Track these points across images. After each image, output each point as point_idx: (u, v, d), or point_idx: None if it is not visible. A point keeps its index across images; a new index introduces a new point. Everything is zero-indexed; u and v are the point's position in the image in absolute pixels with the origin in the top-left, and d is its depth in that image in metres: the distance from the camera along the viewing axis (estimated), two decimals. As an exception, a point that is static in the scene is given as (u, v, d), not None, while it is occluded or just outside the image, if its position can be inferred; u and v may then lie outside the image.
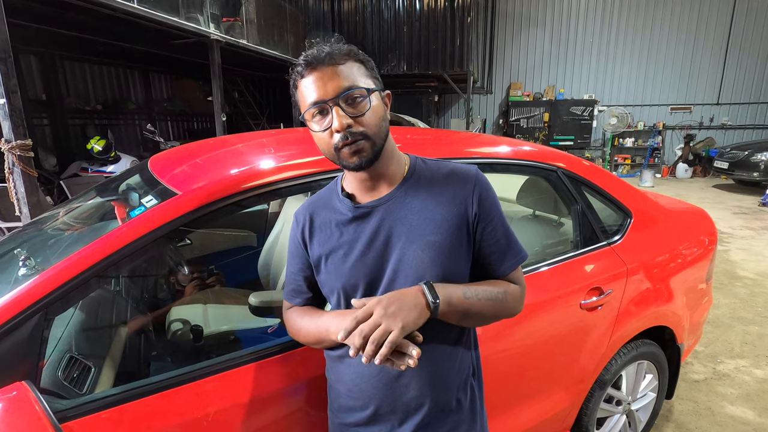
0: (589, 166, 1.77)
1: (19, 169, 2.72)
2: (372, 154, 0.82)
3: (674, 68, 10.90)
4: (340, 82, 0.79)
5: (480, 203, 0.88)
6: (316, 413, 1.08)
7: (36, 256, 1.18)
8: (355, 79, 0.80)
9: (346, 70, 0.80)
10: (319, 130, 0.81)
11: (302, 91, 0.82)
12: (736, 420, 2.19)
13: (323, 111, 0.80)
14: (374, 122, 0.82)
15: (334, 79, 0.79)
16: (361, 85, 0.80)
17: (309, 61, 0.80)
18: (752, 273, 4.22)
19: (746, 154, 8.51)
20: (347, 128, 0.79)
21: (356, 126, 0.80)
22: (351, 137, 0.79)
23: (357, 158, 0.81)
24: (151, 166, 1.45)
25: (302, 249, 0.95)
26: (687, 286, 1.91)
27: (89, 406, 0.89)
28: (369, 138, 0.81)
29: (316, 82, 0.79)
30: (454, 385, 0.92)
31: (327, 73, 0.79)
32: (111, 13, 4.05)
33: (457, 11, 9.11)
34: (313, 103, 0.80)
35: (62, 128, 7.12)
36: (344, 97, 0.79)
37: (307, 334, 0.94)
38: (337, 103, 0.79)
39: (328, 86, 0.78)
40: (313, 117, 0.81)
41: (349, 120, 0.79)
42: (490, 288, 0.88)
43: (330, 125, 0.80)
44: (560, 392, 1.58)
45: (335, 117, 0.78)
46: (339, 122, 0.78)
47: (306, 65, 0.80)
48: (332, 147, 0.81)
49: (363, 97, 0.80)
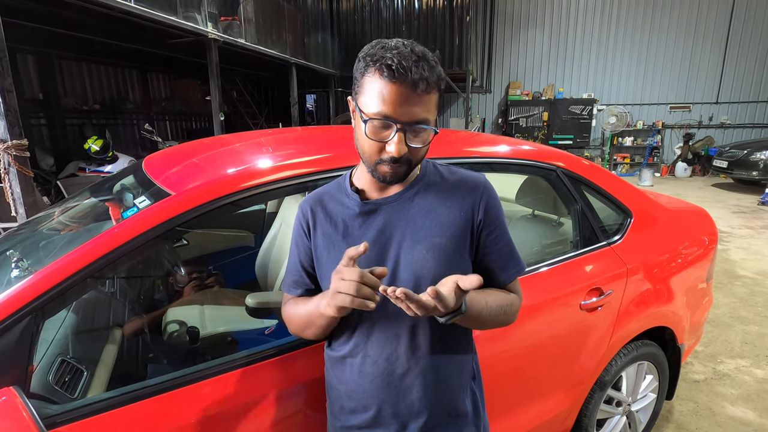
0: (588, 165, 1.76)
1: (15, 169, 2.70)
2: (405, 176, 0.84)
3: (673, 67, 10.89)
4: (418, 113, 0.77)
5: (486, 211, 0.89)
6: (314, 415, 1.07)
7: (28, 258, 1.17)
8: (429, 111, 0.79)
9: (428, 102, 0.78)
10: (374, 139, 0.79)
11: (372, 89, 0.77)
12: (737, 420, 2.18)
13: (385, 125, 0.78)
14: (423, 154, 0.84)
15: (414, 107, 0.76)
16: (431, 121, 0.80)
17: (399, 71, 0.74)
18: (752, 272, 4.21)
19: (745, 152, 8.50)
20: (402, 155, 0.79)
21: (408, 155, 0.80)
22: (399, 162, 0.80)
23: (391, 176, 0.82)
24: (146, 167, 1.43)
25: (305, 239, 0.94)
26: (687, 286, 1.90)
27: (80, 411, 0.88)
28: (411, 166, 0.83)
29: (397, 98, 0.75)
30: (456, 388, 0.92)
31: (411, 98, 0.75)
32: (108, 12, 4.02)
33: (456, 10, 9.10)
34: (383, 116, 0.76)
35: (60, 128, 7.08)
36: (414, 128, 0.78)
37: (297, 318, 0.91)
38: (404, 130, 0.77)
39: (406, 110, 0.76)
40: (370, 121, 0.78)
41: (406, 149, 0.79)
42: (500, 297, 0.90)
43: (386, 140, 0.79)
44: (560, 394, 1.57)
45: (396, 142, 0.77)
46: (397, 149, 0.78)
47: (395, 74, 0.74)
48: (375, 157, 0.81)
49: (428, 132, 0.80)
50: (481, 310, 0.83)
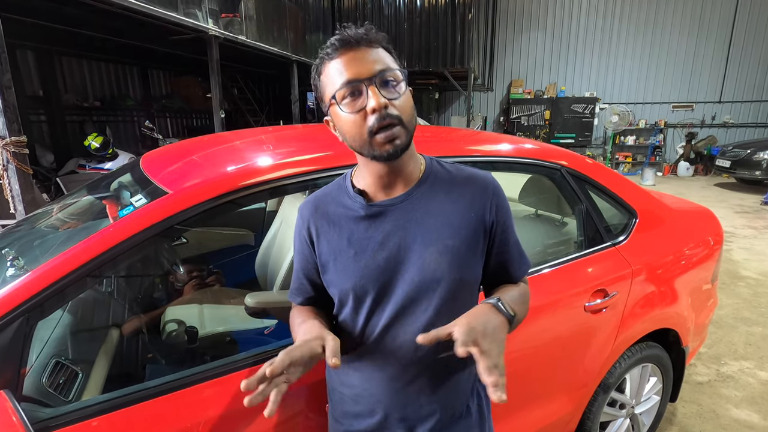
0: (593, 164, 1.73)
1: (14, 166, 2.69)
2: (405, 143, 0.78)
3: (676, 66, 10.83)
4: (376, 64, 0.75)
5: (497, 212, 0.88)
6: (315, 418, 1.05)
7: (24, 256, 1.14)
8: (389, 63, 0.77)
9: (381, 53, 0.77)
10: (351, 112, 0.76)
11: (331, 74, 0.76)
12: (741, 423, 2.15)
13: (355, 92, 0.75)
14: (408, 108, 0.78)
15: (370, 60, 0.75)
16: (393, 68, 0.77)
17: (344, 40, 0.75)
18: (755, 273, 4.18)
19: (748, 152, 8.45)
20: (385, 107, 0.74)
21: (392, 109, 0.75)
22: (388, 119, 0.74)
23: (391, 146, 0.76)
24: (143, 165, 1.41)
25: (308, 246, 0.90)
26: (692, 287, 1.88)
27: (74, 414, 0.86)
28: (404, 124, 0.76)
29: (351, 62, 0.75)
30: (464, 391, 0.91)
31: (361, 53, 0.75)
32: (108, 8, 4.00)
33: (458, 8, 9.04)
34: (347, 81, 0.74)
35: (60, 125, 7.05)
36: (380, 79, 0.75)
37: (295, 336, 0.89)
38: (374, 83, 0.74)
39: (363, 66, 0.74)
40: (343, 99, 0.75)
41: (385, 100, 0.74)
42: (520, 291, 0.90)
43: (363, 106, 0.74)
44: (563, 396, 1.55)
45: (371, 96, 0.73)
46: (376, 101, 0.73)
47: (340, 44, 0.75)
48: (365, 131, 0.75)
49: (398, 81, 0.77)
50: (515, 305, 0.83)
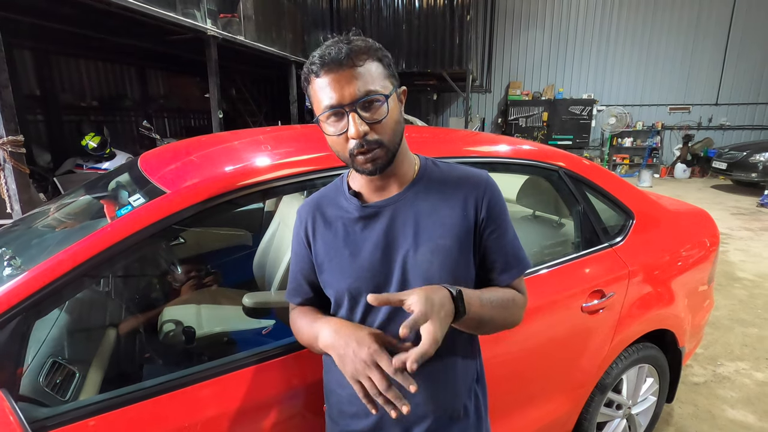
0: (590, 165, 1.74)
1: (11, 166, 2.68)
2: (386, 161, 0.80)
3: (673, 68, 10.87)
4: (358, 87, 0.75)
5: (489, 209, 0.86)
6: (313, 419, 1.05)
7: (21, 255, 1.14)
8: (373, 81, 0.77)
9: (364, 72, 0.76)
10: (334, 134, 0.78)
11: (317, 92, 0.78)
12: (737, 424, 2.16)
13: (339, 114, 0.77)
14: (390, 128, 0.79)
15: (352, 83, 0.75)
16: (378, 89, 0.77)
17: (325, 61, 0.75)
18: (751, 274, 4.20)
19: (744, 154, 8.49)
20: (363, 136, 0.76)
21: (372, 134, 0.77)
22: (367, 145, 0.77)
23: (371, 165, 0.79)
24: (141, 164, 1.41)
25: (305, 247, 0.92)
26: (689, 288, 1.89)
27: (72, 414, 0.86)
28: (384, 146, 0.79)
29: (332, 84, 0.75)
30: (461, 391, 0.91)
31: (344, 77, 0.75)
32: (106, 8, 3.99)
33: (457, 9, 9.06)
34: (329, 107, 0.76)
35: (57, 124, 7.03)
36: (361, 103, 0.75)
37: (301, 336, 0.92)
38: (354, 110, 0.75)
39: (345, 91, 0.75)
40: (327, 119, 0.78)
41: (366, 128, 0.76)
42: (501, 295, 0.86)
43: (345, 130, 0.77)
44: (560, 397, 1.55)
45: (351, 124, 0.75)
46: (355, 130, 0.75)
47: (321, 65, 0.75)
48: (347, 151, 0.79)
49: (380, 102, 0.77)
50: (481, 310, 0.80)
